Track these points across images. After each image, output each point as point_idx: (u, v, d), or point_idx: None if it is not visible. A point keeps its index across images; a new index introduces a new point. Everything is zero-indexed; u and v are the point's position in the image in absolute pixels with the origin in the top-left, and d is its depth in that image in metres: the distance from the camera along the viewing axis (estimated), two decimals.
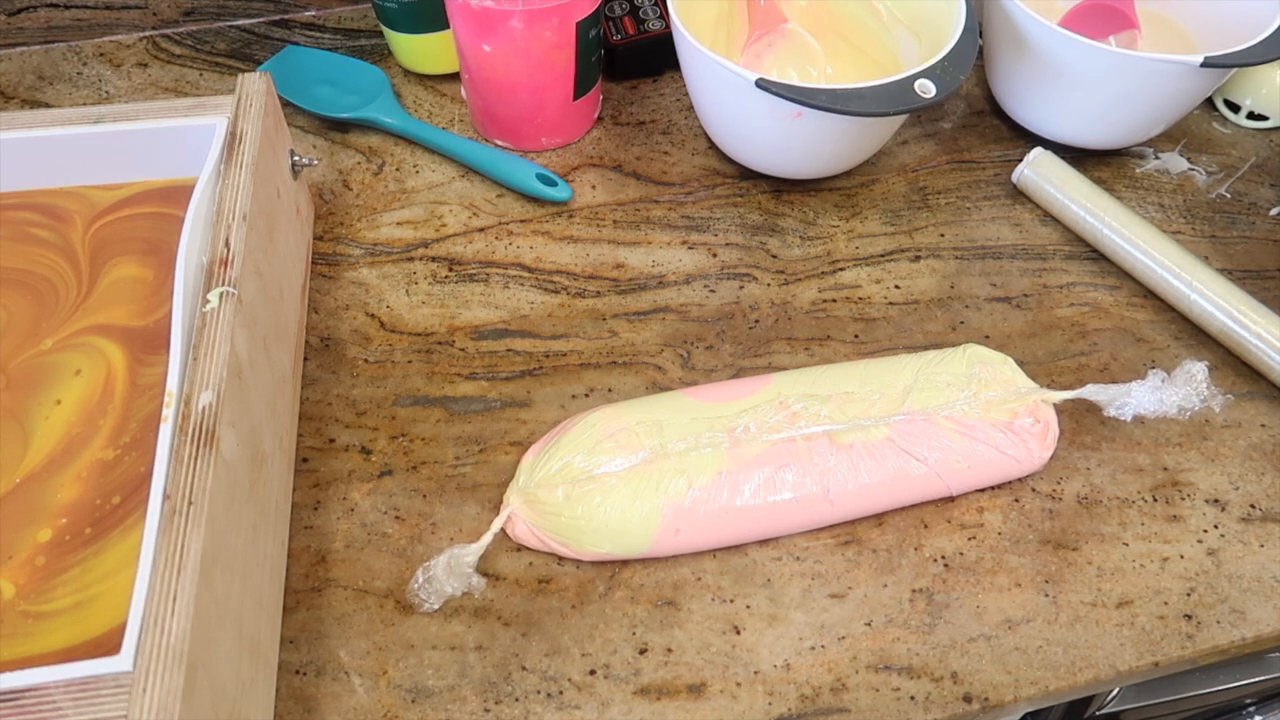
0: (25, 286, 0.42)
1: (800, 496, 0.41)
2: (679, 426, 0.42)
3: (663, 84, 0.64)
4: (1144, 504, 0.45)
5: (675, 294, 0.52)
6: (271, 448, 0.40)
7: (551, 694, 0.38)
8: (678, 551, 0.41)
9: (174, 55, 0.65)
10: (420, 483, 0.44)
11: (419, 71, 0.63)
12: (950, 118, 0.63)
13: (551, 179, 0.56)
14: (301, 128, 0.60)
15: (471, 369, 0.48)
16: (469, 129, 0.60)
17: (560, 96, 0.56)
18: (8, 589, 0.33)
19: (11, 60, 0.64)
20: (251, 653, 0.35)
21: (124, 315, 0.41)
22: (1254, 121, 0.63)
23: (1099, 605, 0.41)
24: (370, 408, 0.47)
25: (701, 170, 0.59)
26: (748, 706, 0.38)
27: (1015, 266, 0.54)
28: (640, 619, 0.40)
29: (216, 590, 0.32)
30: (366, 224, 0.55)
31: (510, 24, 0.51)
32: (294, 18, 0.68)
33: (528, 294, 0.52)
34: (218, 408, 0.34)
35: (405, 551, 0.42)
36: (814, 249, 0.55)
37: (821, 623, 0.40)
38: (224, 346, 0.36)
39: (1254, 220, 0.58)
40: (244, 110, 0.45)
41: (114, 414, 0.38)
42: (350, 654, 0.39)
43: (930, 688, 0.39)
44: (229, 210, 0.40)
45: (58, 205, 0.45)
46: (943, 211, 0.57)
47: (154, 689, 0.28)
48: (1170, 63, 0.51)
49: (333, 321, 0.50)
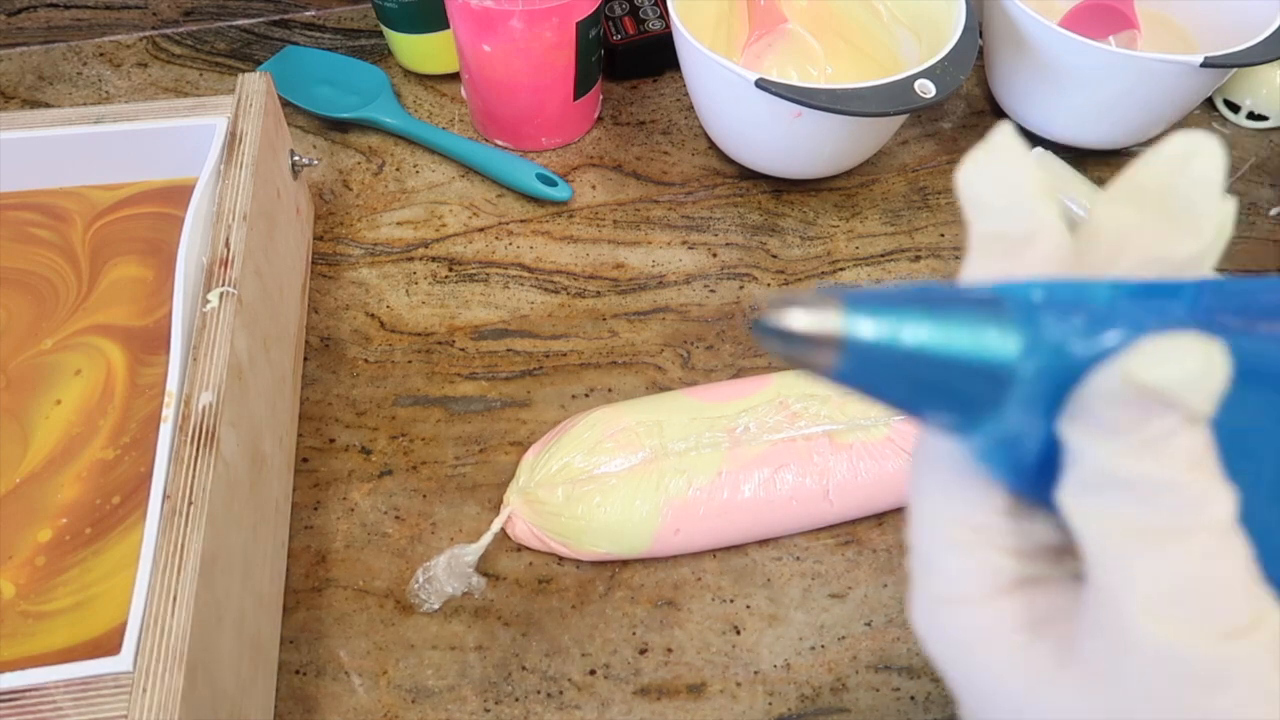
0: (25, 286, 0.42)
1: (800, 496, 0.41)
2: (679, 426, 0.42)
3: (663, 84, 0.64)
4: None
5: (675, 294, 0.52)
6: (271, 448, 0.40)
7: (551, 694, 0.38)
8: (678, 551, 0.41)
9: (174, 55, 0.65)
10: (420, 483, 0.44)
11: (419, 71, 0.63)
12: (950, 118, 0.63)
13: (551, 179, 0.56)
14: (301, 128, 0.60)
15: (471, 369, 0.48)
16: (469, 129, 0.60)
17: (560, 96, 0.56)
18: (8, 589, 0.33)
19: (11, 60, 0.64)
20: (251, 653, 0.35)
21: (124, 315, 0.41)
22: (1254, 121, 0.63)
23: None
24: (370, 408, 0.47)
25: (701, 170, 0.59)
26: (748, 706, 0.38)
27: None
28: (640, 619, 0.40)
29: (216, 590, 0.32)
30: (366, 224, 0.55)
31: (510, 24, 0.51)
32: (294, 18, 0.68)
33: (528, 294, 0.52)
34: (218, 408, 0.34)
35: (405, 551, 0.42)
36: (814, 249, 0.55)
37: (821, 623, 0.40)
38: (224, 346, 0.36)
39: (1254, 220, 0.58)
40: (244, 110, 0.45)
41: (114, 414, 0.38)
42: (350, 654, 0.39)
43: (930, 688, 0.39)
44: (229, 210, 0.40)
45: (58, 205, 0.45)
46: (943, 211, 0.57)
47: (154, 689, 0.28)
48: (1170, 63, 0.51)
49: (333, 321, 0.50)
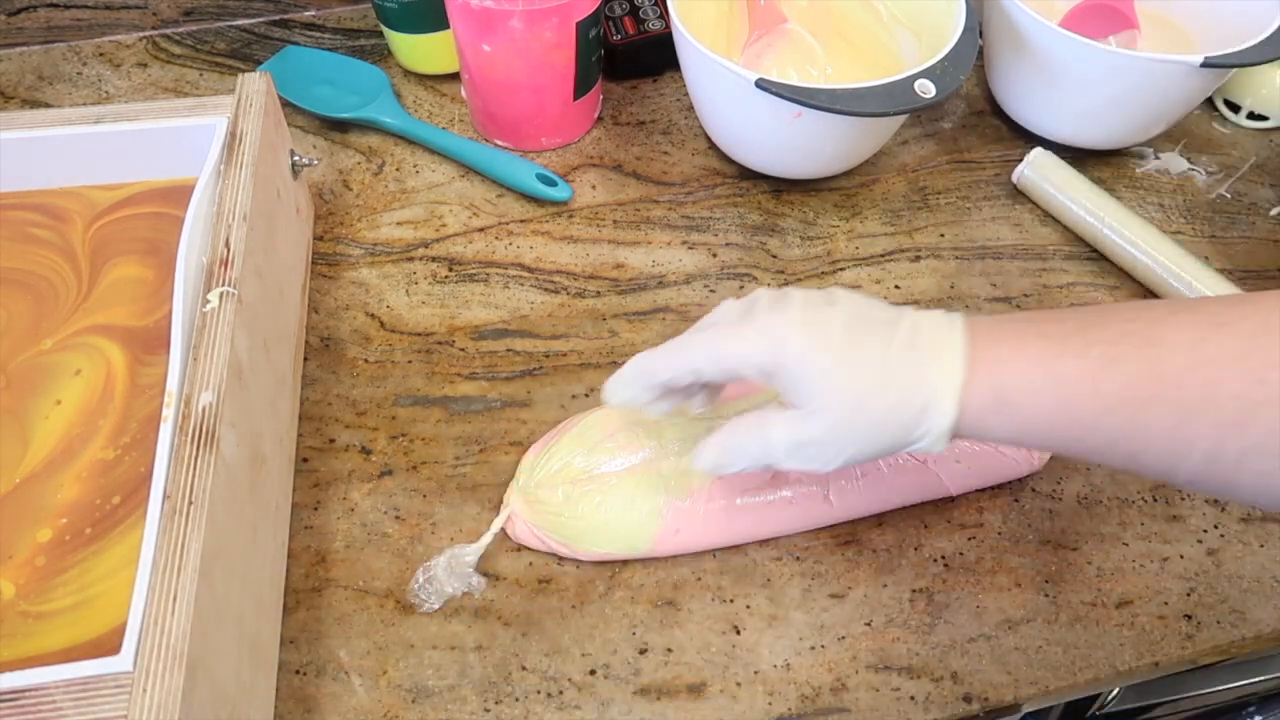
0: (25, 286, 0.42)
1: (800, 496, 0.41)
2: (679, 426, 0.42)
3: (663, 84, 0.64)
4: (1144, 504, 0.45)
5: (675, 294, 0.52)
6: (271, 448, 0.40)
7: (551, 694, 0.38)
8: (678, 551, 0.41)
9: (174, 55, 0.65)
10: (420, 483, 0.44)
11: (419, 71, 0.63)
12: (950, 118, 0.63)
13: (551, 179, 0.56)
14: (301, 128, 0.60)
15: (471, 369, 0.48)
16: (469, 129, 0.60)
17: (560, 96, 0.56)
18: (8, 589, 0.33)
19: (11, 60, 0.64)
20: (251, 653, 0.35)
21: (124, 315, 0.41)
22: (1254, 121, 0.63)
23: (1099, 605, 0.41)
24: (370, 408, 0.47)
25: (701, 170, 0.59)
26: (748, 706, 0.38)
27: (1015, 266, 0.54)
28: (640, 619, 0.40)
29: (216, 590, 0.32)
30: (366, 224, 0.55)
31: (510, 24, 0.51)
32: (294, 18, 0.68)
33: (528, 294, 0.52)
34: (218, 408, 0.34)
35: (405, 551, 0.42)
36: (814, 249, 0.55)
37: (821, 623, 0.40)
38: (224, 346, 0.36)
39: (1254, 220, 0.58)
40: (244, 110, 0.45)
41: (114, 414, 0.38)
42: (350, 654, 0.39)
43: (930, 688, 0.39)
44: (229, 210, 0.40)
45: (58, 205, 0.45)
46: (943, 211, 0.57)
47: (154, 689, 0.28)
48: (1170, 63, 0.51)
49: (333, 321, 0.50)
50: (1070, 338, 0.30)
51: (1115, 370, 0.29)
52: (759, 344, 0.33)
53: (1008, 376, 0.31)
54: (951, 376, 0.31)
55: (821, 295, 0.34)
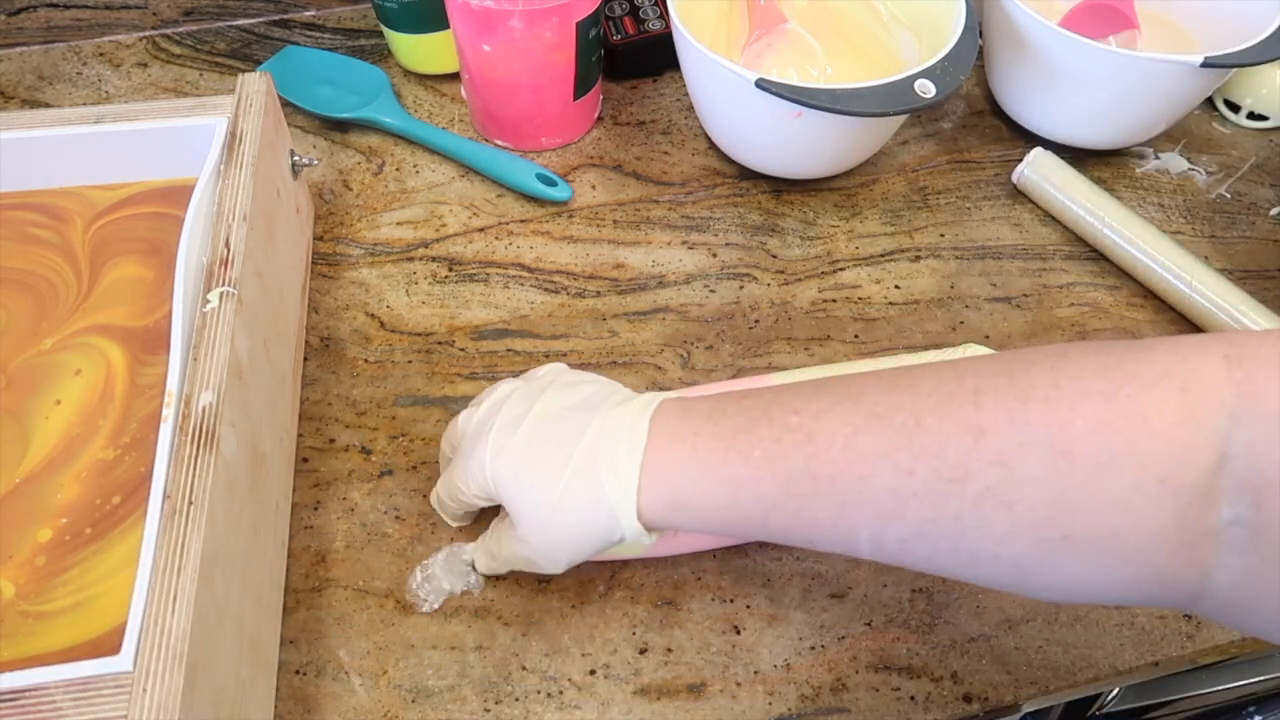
0: (25, 286, 0.42)
1: None
2: None
3: (663, 84, 0.64)
4: None
5: (675, 294, 0.52)
6: (271, 448, 0.40)
7: (551, 694, 0.38)
8: (678, 551, 0.41)
9: (174, 55, 0.65)
10: (420, 483, 0.44)
11: (419, 71, 0.63)
12: (950, 118, 0.63)
13: (551, 179, 0.56)
14: (301, 128, 0.60)
15: (471, 369, 0.48)
16: (469, 129, 0.60)
17: (560, 96, 0.56)
18: (8, 589, 0.33)
19: (11, 60, 0.64)
20: (251, 653, 0.35)
21: (124, 315, 0.41)
22: (1254, 121, 0.63)
23: (1099, 605, 0.41)
24: (370, 408, 0.47)
25: (701, 170, 0.59)
26: (748, 706, 0.38)
27: (1015, 266, 0.54)
28: (640, 619, 0.40)
29: (216, 590, 0.32)
30: (366, 224, 0.55)
31: (510, 24, 0.51)
32: (294, 18, 0.68)
33: (528, 294, 0.52)
34: (218, 408, 0.34)
35: (405, 551, 0.42)
36: (814, 249, 0.55)
37: (821, 623, 0.40)
38: (224, 346, 0.36)
39: (1254, 220, 0.58)
40: (244, 110, 0.45)
41: (114, 414, 0.38)
42: (350, 654, 0.39)
43: (930, 688, 0.39)
44: (229, 210, 0.40)
45: (58, 205, 0.45)
46: (943, 211, 0.57)
47: (154, 689, 0.28)
48: (1170, 63, 0.51)
49: (333, 321, 0.50)
50: (738, 437, 0.32)
51: (776, 470, 0.31)
52: (470, 482, 0.36)
53: (679, 482, 0.32)
54: (626, 493, 0.32)
55: (521, 402, 0.36)
